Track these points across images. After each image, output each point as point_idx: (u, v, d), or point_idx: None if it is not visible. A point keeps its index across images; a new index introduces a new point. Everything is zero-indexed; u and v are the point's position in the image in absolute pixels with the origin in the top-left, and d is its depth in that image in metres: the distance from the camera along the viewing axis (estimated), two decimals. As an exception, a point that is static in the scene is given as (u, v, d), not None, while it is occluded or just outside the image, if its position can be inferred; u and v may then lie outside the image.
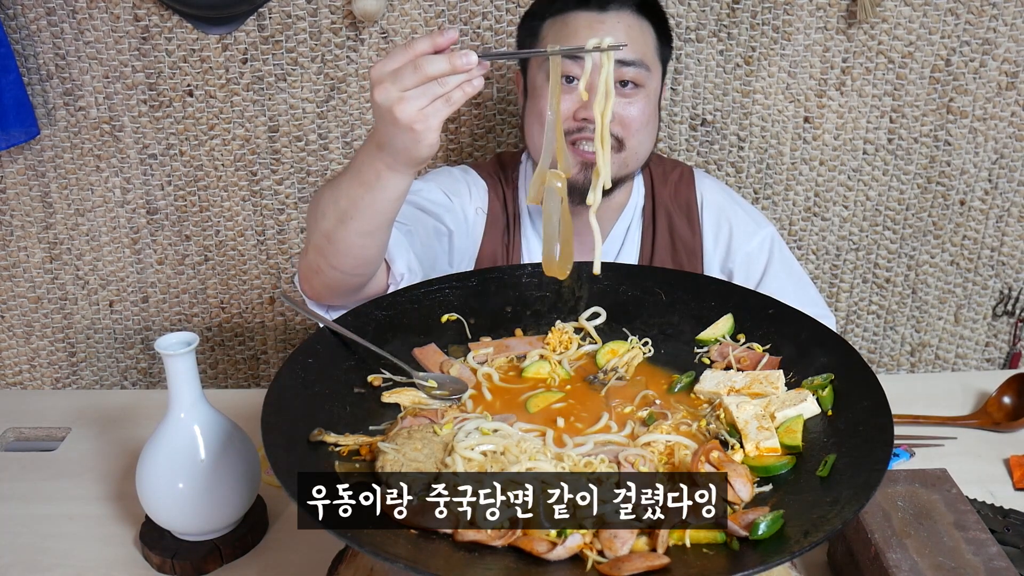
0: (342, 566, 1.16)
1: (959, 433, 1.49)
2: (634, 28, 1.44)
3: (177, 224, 2.02)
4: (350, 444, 0.99)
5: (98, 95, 1.92)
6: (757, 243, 1.58)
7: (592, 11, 1.43)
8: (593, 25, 1.42)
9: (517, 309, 1.27)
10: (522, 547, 0.85)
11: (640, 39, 1.45)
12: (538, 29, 1.48)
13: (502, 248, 1.57)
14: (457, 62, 1.02)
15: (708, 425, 1.04)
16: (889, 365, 2.15)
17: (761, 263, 1.57)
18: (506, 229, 1.58)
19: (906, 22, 1.85)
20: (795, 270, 1.61)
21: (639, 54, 1.43)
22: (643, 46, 1.45)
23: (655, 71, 1.48)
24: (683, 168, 1.65)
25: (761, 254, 1.58)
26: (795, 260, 1.63)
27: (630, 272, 1.32)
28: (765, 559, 0.82)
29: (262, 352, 2.15)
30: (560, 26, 1.45)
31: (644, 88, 1.45)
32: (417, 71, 1.02)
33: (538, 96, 1.46)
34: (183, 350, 1.16)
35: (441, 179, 1.58)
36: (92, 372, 2.16)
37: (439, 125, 1.04)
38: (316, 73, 1.90)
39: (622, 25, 1.43)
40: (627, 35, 1.43)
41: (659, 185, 1.61)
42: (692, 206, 1.60)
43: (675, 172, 1.63)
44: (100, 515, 1.34)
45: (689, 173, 1.63)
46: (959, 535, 1.08)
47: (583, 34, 1.40)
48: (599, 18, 1.43)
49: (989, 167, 1.95)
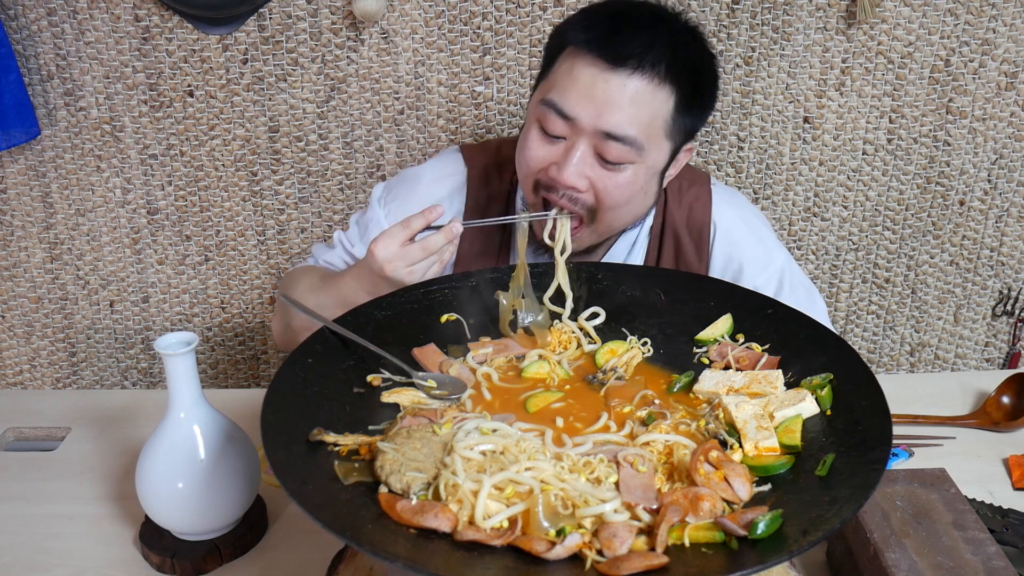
0: (342, 566, 1.16)
1: (958, 433, 1.49)
2: (641, 97, 1.24)
3: (177, 224, 2.03)
4: (350, 444, 0.99)
5: (99, 95, 1.92)
6: (764, 279, 1.49)
7: (602, 63, 1.24)
8: (595, 83, 1.24)
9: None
10: (521, 546, 0.85)
11: (646, 112, 1.25)
12: (554, 57, 1.32)
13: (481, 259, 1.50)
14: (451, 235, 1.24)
15: (707, 425, 1.04)
16: (888, 365, 2.15)
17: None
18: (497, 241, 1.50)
19: (906, 22, 1.85)
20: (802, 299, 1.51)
21: (635, 130, 1.25)
22: (647, 121, 1.26)
23: (656, 147, 1.29)
24: (700, 184, 1.51)
25: (768, 289, 1.49)
26: (806, 287, 1.54)
27: (630, 272, 1.32)
28: (764, 558, 0.82)
29: (262, 352, 2.16)
30: (567, 68, 1.28)
31: (635, 164, 1.28)
32: (424, 250, 1.23)
33: (526, 132, 1.34)
34: (183, 350, 1.16)
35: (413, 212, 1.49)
36: (92, 372, 2.16)
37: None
38: (316, 73, 1.90)
39: (629, 89, 1.24)
40: (630, 102, 1.24)
41: (673, 205, 1.48)
42: (704, 233, 1.49)
43: (691, 191, 1.49)
44: (100, 515, 1.34)
45: (707, 194, 1.50)
46: (958, 535, 1.09)
47: (582, 89, 1.25)
48: (605, 76, 1.24)
49: (988, 167, 1.95)
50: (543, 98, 1.28)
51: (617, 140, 1.25)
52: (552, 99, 1.26)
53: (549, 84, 1.30)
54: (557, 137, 1.29)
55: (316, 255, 1.58)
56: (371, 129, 1.96)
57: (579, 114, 1.25)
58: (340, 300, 1.34)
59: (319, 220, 2.03)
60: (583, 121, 1.24)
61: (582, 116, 1.24)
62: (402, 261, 1.23)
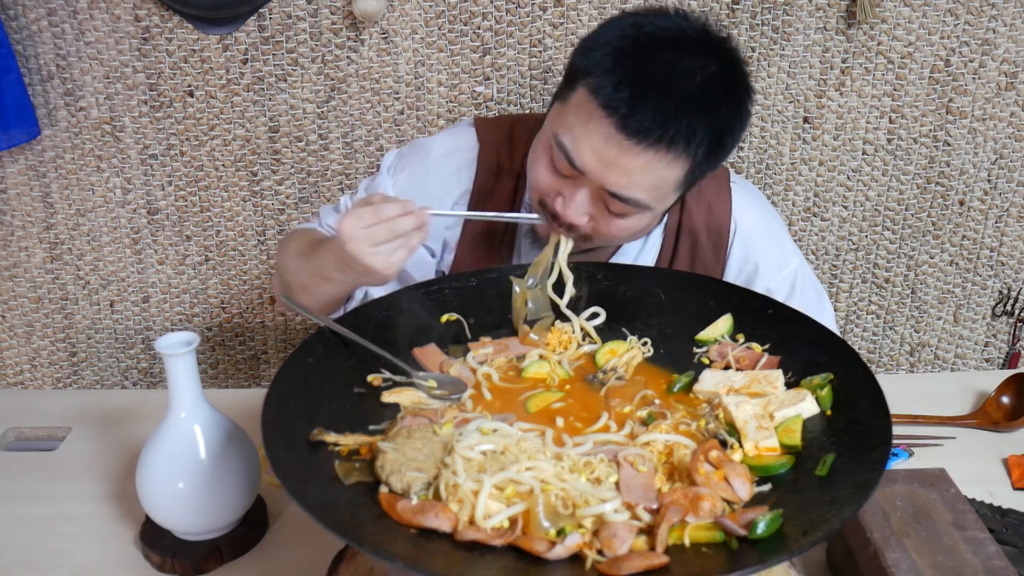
0: (342, 566, 1.16)
1: (958, 433, 1.49)
2: (653, 169, 1.20)
3: (178, 224, 2.03)
4: (350, 444, 1.00)
5: (99, 95, 1.92)
6: (778, 281, 1.48)
7: (617, 131, 1.17)
8: (608, 146, 1.18)
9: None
10: (521, 546, 0.85)
11: (655, 180, 1.22)
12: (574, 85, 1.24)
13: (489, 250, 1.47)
14: (420, 220, 1.18)
15: (707, 425, 1.04)
16: (888, 365, 2.15)
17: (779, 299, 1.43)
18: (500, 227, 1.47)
19: (906, 22, 1.85)
20: (812, 302, 1.50)
21: (641, 195, 1.22)
22: (655, 186, 1.22)
23: (666, 200, 1.27)
24: (720, 181, 1.47)
25: (780, 291, 1.48)
26: (816, 291, 1.53)
27: (630, 272, 1.32)
28: (764, 558, 0.82)
29: (262, 352, 2.16)
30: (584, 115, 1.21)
31: (640, 214, 1.26)
32: (390, 231, 1.17)
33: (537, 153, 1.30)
34: (183, 350, 1.16)
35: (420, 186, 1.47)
36: (93, 372, 2.16)
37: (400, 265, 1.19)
38: (316, 73, 1.90)
39: (639, 162, 1.18)
40: (642, 171, 1.20)
41: (692, 203, 1.44)
42: (723, 234, 1.46)
43: (711, 189, 1.45)
44: (100, 515, 1.34)
45: (726, 193, 1.47)
46: (958, 534, 1.09)
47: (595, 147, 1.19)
48: (616, 139, 1.17)
49: (988, 167, 1.95)
50: (556, 135, 1.24)
51: (622, 200, 1.23)
52: (564, 143, 1.22)
53: (563, 119, 1.24)
54: (563, 176, 1.26)
55: (321, 217, 1.55)
56: (371, 129, 1.96)
57: (588, 169, 1.21)
58: (315, 270, 1.31)
59: (319, 220, 2.04)
60: (591, 175, 1.21)
61: (590, 171, 1.21)
62: (366, 242, 1.16)
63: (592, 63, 1.21)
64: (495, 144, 1.47)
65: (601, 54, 1.21)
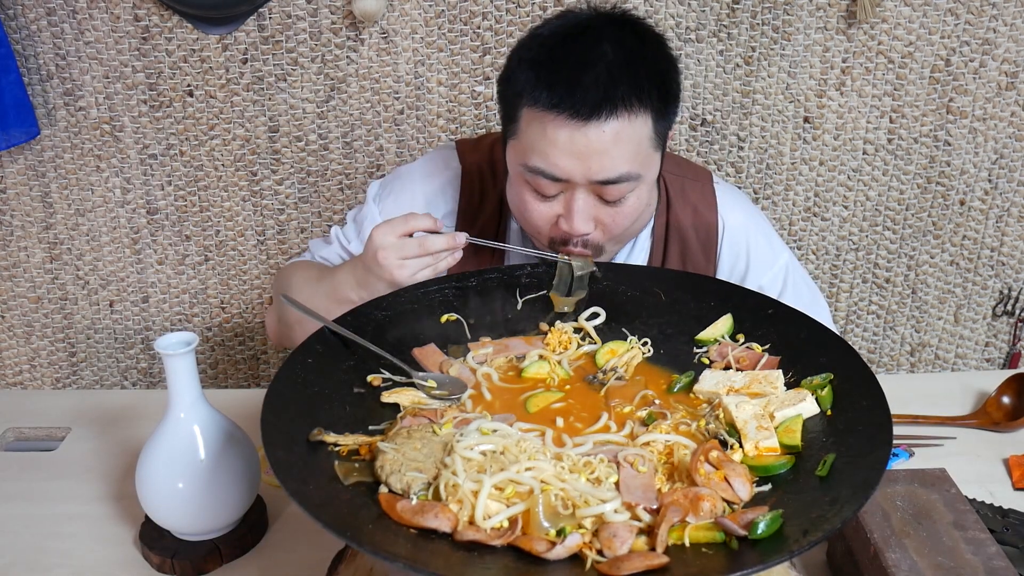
0: (342, 566, 1.16)
1: (958, 433, 1.49)
2: (624, 135, 1.21)
3: (177, 224, 2.03)
4: (350, 444, 0.99)
5: (98, 95, 1.92)
6: (770, 277, 1.49)
7: (571, 121, 1.19)
8: (574, 139, 1.20)
9: (516, 310, 1.27)
10: (521, 546, 0.85)
11: (631, 144, 1.23)
12: (515, 116, 1.27)
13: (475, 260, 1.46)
14: (453, 242, 1.22)
15: (707, 425, 1.04)
16: (889, 365, 2.15)
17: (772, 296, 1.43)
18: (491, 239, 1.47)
19: (906, 22, 1.85)
20: (804, 297, 1.51)
21: (626, 167, 1.23)
22: (634, 150, 1.24)
23: (649, 164, 1.28)
24: (703, 182, 1.50)
25: (774, 287, 1.50)
26: (808, 285, 1.54)
27: (629, 272, 1.32)
28: (764, 558, 0.82)
29: (262, 352, 2.15)
30: (538, 128, 1.23)
31: (635, 190, 1.28)
32: (421, 247, 1.21)
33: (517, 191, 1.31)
34: (183, 350, 1.16)
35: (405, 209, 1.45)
36: (92, 372, 2.16)
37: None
38: (316, 73, 1.90)
39: (608, 136, 1.20)
40: (614, 145, 1.21)
41: (677, 205, 1.46)
42: (712, 233, 1.47)
43: (695, 189, 1.48)
44: (100, 515, 1.34)
45: (710, 192, 1.49)
46: (958, 535, 1.08)
47: (563, 148, 1.21)
48: (582, 131, 1.20)
49: (989, 167, 1.95)
50: (526, 165, 1.25)
51: (614, 183, 1.24)
52: (537, 166, 1.24)
53: (523, 147, 1.26)
54: (548, 196, 1.27)
55: (313, 250, 1.57)
56: (371, 129, 1.95)
57: (570, 173, 1.23)
58: (332, 292, 1.33)
59: (319, 220, 2.03)
60: (576, 178, 1.23)
61: (573, 174, 1.23)
62: (396, 252, 1.20)
63: (519, 86, 1.24)
64: (477, 164, 1.49)
65: (521, 75, 1.25)
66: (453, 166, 1.51)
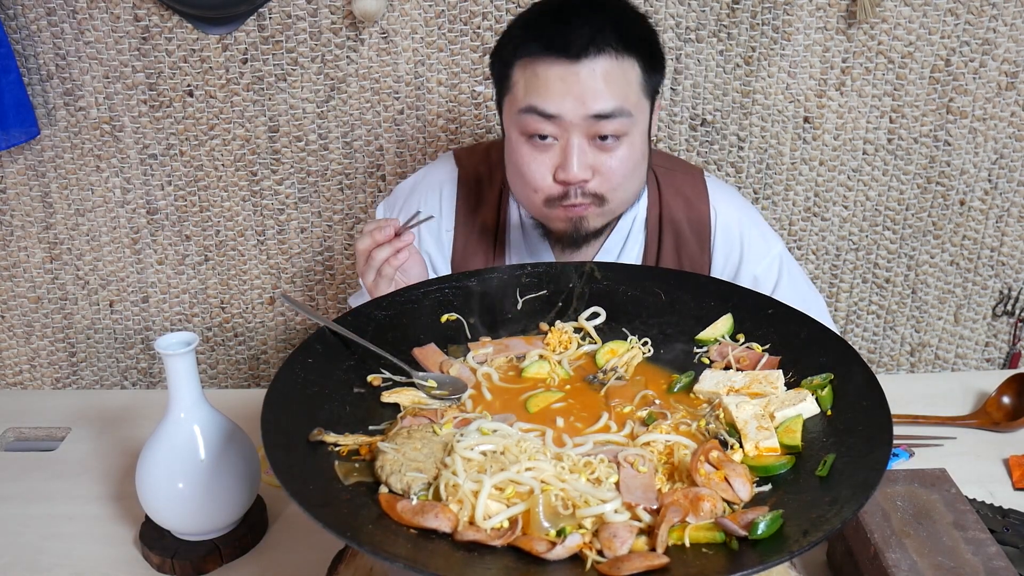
0: (342, 566, 1.16)
1: (958, 433, 1.49)
2: (614, 73, 1.28)
3: (177, 224, 2.03)
4: (350, 444, 0.99)
5: (98, 95, 1.92)
6: (765, 266, 1.51)
7: (564, 61, 1.26)
8: (566, 79, 1.27)
9: (516, 310, 1.27)
10: (521, 547, 0.85)
11: (621, 84, 1.29)
12: (508, 75, 1.33)
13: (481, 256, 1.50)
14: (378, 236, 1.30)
15: (707, 425, 1.04)
16: (889, 365, 2.15)
17: (768, 286, 1.51)
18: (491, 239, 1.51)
19: (906, 22, 1.85)
20: (801, 288, 1.54)
21: (619, 102, 1.28)
22: (624, 90, 1.29)
23: (640, 111, 1.33)
24: (694, 176, 1.54)
25: (769, 276, 1.51)
26: (803, 276, 1.57)
27: (629, 272, 1.32)
28: (764, 558, 0.82)
29: (262, 352, 2.16)
30: (531, 76, 1.29)
31: (628, 135, 1.31)
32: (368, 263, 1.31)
33: (515, 152, 1.35)
34: (183, 350, 1.16)
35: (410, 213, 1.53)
36: (92, 372, 2.16)
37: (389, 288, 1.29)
38: (316, 73, 1.90)
39: (598, 73, 1.27)
40: (604, 83, 1.27)
41: (669, 196, 1.49)
42: (704, 223, 1.49)
43: (686, 182, 1.52)
44: (100, 515, 1.34)
45: (702, 184, 1.52)
46: (958, 535, 1.08)
47: (555, 87, 1.27)
48: (572, 70, 1.26)
49: (989, 167, 1.95)
50: (521, 108, 1.30)
51: (607, 118, 1.28)
52: (532, 104, 1.28)
53: (518, 96, 1.31)
54: (545, 138, 1.30)
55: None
56: (371, 129, 1.96)
57: (563, 110, 1.27)
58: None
59: (319, 220, 2.03)
60: (569, 116, 1.27)
61: (566, 111, 1.27)
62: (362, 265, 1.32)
63: (513, 46, 1.32)
64: (473, 165, 1.54)
65: (516, 36, 1.33)
66: (450, 167, 1.54)
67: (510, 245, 1.52)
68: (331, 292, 2.10)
